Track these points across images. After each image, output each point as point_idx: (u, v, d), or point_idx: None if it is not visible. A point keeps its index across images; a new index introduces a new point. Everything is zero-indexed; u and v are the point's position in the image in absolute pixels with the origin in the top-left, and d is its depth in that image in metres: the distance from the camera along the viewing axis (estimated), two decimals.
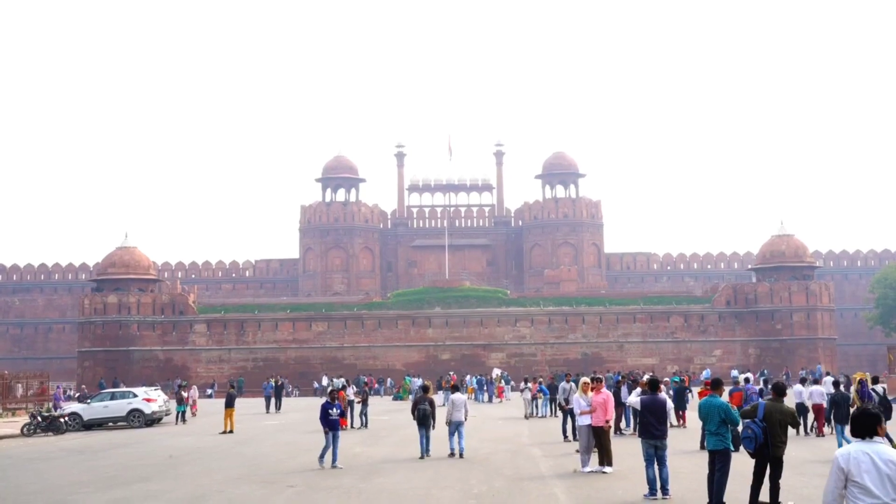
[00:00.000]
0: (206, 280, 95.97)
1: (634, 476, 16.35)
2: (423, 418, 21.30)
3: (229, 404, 31.69)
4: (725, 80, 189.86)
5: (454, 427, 21.34)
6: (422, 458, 21.04)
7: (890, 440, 7.82)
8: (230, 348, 71.23)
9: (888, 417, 23.86)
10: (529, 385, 36.75)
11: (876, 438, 6.77)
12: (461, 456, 20.98)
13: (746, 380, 31.26)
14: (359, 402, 33.87)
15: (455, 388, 23.10)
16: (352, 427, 31.41)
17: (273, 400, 44.17)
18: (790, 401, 25.56)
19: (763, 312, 72.10)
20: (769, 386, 26.44)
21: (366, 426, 31.90)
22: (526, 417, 34.60)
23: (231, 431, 30.70)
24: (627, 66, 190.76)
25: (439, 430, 22.51)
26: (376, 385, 61.43)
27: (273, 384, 45.35)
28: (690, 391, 42.93)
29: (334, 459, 19.66)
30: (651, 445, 14.31)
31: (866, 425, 6.80)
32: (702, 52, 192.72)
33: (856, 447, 6.78)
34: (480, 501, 14.74)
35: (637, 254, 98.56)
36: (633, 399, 16.39)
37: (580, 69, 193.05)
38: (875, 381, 23.25)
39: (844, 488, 6.71)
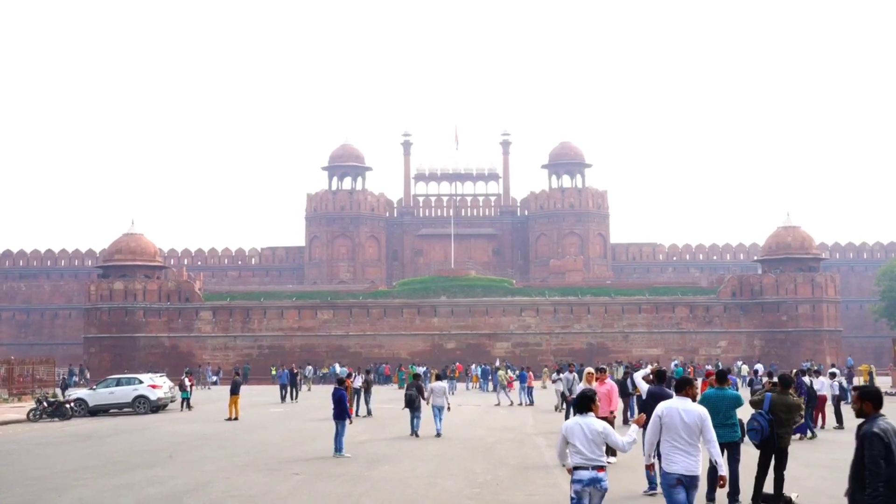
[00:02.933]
0: (212, 267, 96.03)
1: (639, 467, 16.33)
2: (411, 402, 24.44)
3: (234, 391, 31.76)
4: (732, 71, 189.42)
5: (436, 410, 24.41)
6: (411, 436, 23.79)
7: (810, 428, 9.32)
8: (236, 336, 71.38)
9: (812, 406, 24.17)
10: (566, 375, 33.10)
11: (589, 413, 9.21)
12: (439, 435, 23.60)
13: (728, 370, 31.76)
14: (364, 389, 33.79)
15: (438, 377, 26.89)
16: (356, 415, 31.39)
17: (290, 389, 42.48)
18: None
19: (768, 304, 72.03)
20: (763, 376, 26.87)
21: (369, 414, 31.99)
22: (557, 410, 33.50)
23: (236, 418, 30.77)
24: (634, 56, 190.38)
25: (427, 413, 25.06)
26: (389, 373, 61.73)
27: (288, 372, 43.53)
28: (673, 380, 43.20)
29: (340, 448, 19.71)
30: None
31: (584, 404, 9.29)
32: (708, 43, 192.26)
33: (574, 419, 9.26)
34: (485, 490, 14.77)
35: (643, 244, 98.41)
36: (640, 381, 16.26)
37: (587, 59, 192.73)
38: (803, 373, 27.03)
39: (567, 448, 9.20)
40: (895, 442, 7.16)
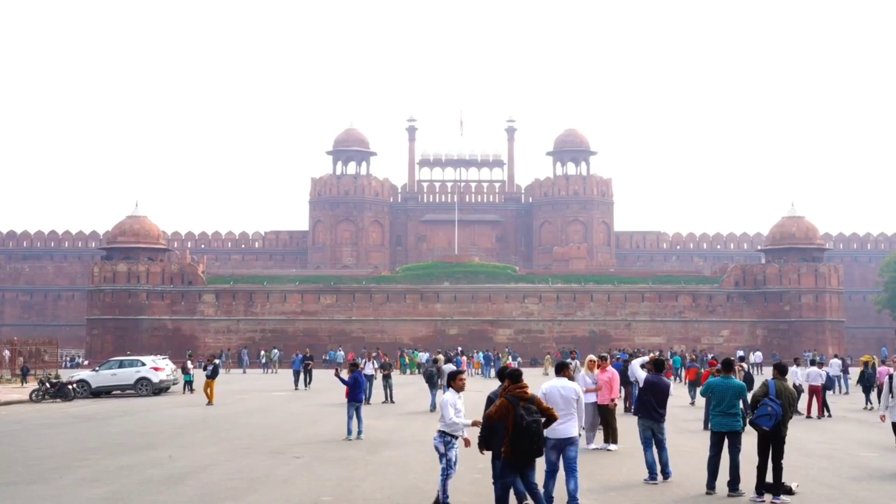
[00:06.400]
0: (216, 250, 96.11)
1: (639, 454, 16.32)
2: (430, 378, 27.73)
3: (212, 376, 31.30)
4: (737, 61, 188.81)
5: (446, 389, 25.57)
6: (431, 411, 26.35)
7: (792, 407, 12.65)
8: (238, 319, 71.47)
9: (750, 388, 24.44)
10: (576, 362, 30.41)
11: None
12: None
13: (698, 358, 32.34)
14: (384, 374, 32.94)
15: (448, 360, 30.29)
16: (367, 402, 30.07)
17: (302, 375, 40.11)
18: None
19: (771, 294, 72.01)
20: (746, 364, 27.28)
21: (391, 400, 30.74)
22: None
23: (209, 403, 30.09)
24: (640, 45, 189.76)
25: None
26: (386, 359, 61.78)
27: (301, 357, 41.43)
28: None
29: (360, 432, 19.89)
30: (648, 428, 14.03)
31: (448, 382, 12.08)
32: (714, 32, 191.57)
33: (448, 393, 11.99)
34: (485, 475, 14.77)
35: (647, 233, 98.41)
36: (638, 370, 16.25)
37: (593, 47, 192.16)
38: (742, 360, 31.75)
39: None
40: (520, 410, 10.26)
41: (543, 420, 10.46)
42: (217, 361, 34.47)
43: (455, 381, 11.93)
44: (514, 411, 10.31)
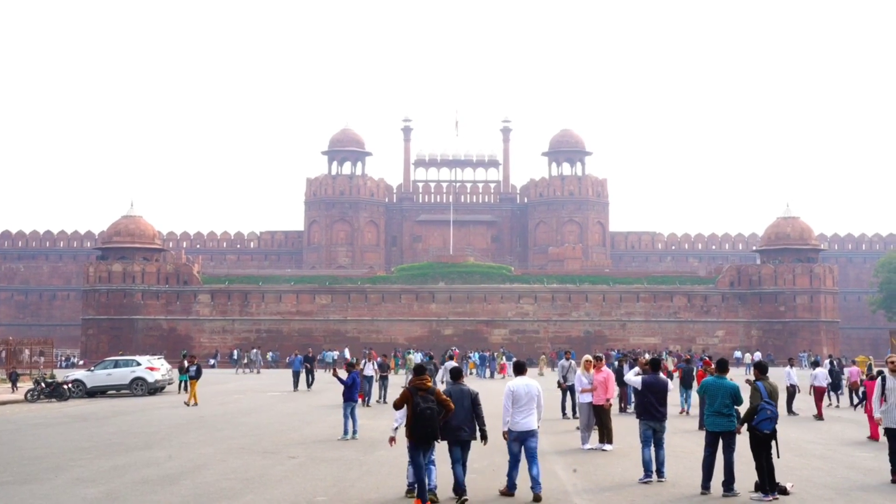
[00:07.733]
0: (211, 251, 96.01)
1: (634, 454, 16.37)
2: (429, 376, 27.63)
3: (196, 376, 31.08)
4: (733, 62, 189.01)
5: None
6: None
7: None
8: (234, 319, 71.39)
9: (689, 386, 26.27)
10: (562, 362, 27.91)
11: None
12: None
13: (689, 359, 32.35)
14: (381, 375, 32.69)
15: (450, 358, 31.90)
16: (367, 404, 30.02)
17: (304, 376, 38.33)
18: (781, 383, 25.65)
19: (766, 294, 72.10)
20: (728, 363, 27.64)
21: (385, 400, 30.96)
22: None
23: (195, 404, 29.91)
24: (636, 45, 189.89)
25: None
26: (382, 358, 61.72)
27: (301, 358, 39.51)
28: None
29: (355, 432, 20.09)
30: (649, 427, 14.05)
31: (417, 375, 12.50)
32: (709, 33, 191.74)
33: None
34: (481, 476, 14.80)
35: (642, 233, 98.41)
36: (633, 378, 16.24)
37: (588, 47, 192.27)
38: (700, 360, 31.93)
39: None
40: (417, 398, 11.91)
41: (442, 412, 12.04)
42: (212, 362, 34.50)
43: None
44: (413, 399, 11.94)
